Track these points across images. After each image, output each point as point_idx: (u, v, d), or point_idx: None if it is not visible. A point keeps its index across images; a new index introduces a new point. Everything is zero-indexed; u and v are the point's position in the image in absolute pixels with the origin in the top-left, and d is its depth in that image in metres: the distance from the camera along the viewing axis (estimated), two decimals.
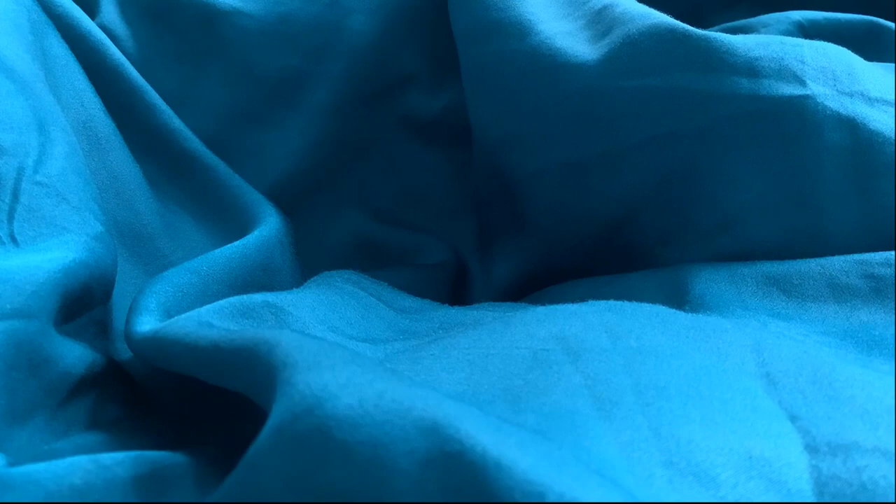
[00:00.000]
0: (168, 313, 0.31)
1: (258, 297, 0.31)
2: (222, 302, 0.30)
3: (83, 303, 0.30)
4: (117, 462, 0.24)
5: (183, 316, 0.29)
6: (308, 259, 0.42)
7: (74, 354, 0.29)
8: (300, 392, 0.20)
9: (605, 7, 0.39)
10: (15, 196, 0.31)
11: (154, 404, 0.31)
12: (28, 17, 0.39)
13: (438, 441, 0.18)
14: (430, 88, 0.46)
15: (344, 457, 0.19)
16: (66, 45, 0.41)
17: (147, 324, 0.30)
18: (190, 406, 0.31)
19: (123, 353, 0.32)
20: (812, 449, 0.21)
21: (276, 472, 0.20)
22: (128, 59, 0.43)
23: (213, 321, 0.29)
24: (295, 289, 0.35)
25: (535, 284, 0.42)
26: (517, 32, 0.39)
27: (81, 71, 0.41)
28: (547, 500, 0.17)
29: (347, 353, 0.22)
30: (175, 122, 0.43)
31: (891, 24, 0.50)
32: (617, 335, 0.26)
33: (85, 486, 0.23)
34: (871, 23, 0.50)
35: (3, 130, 0.33)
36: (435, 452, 0.18)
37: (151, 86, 0.43)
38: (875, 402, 0.22)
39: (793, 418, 0.22)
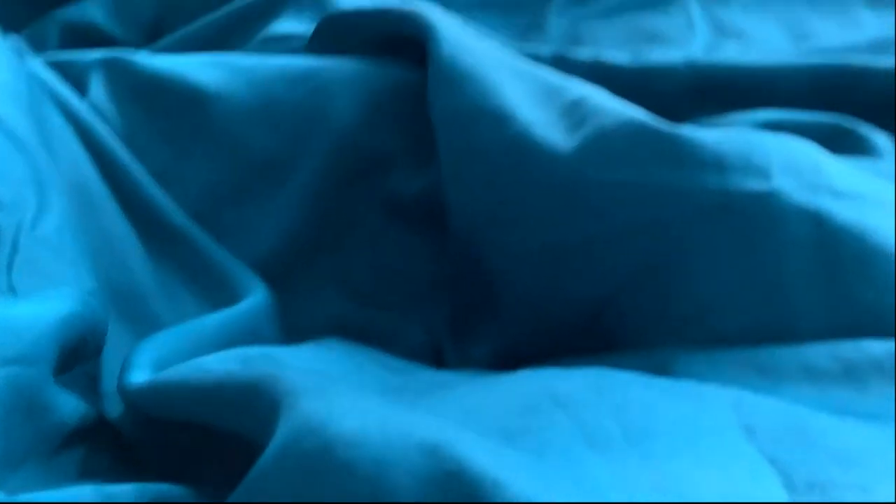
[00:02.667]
0: (160, 371, 0.31)
1: (255, 349, 0.32)
2: (219, 353, 0.31)
3: (78, 354, 0.31)
4: (119, 492, 0.25)
5: (181, 364, 0.30)
6: (288, 339, 0.42)
7: (70, 405, 0.29)
8: (305, 414, 0.21)
9: (579, 99, 0.40)
10: (14, 248, 0.32)
11: (146, 458, 0.32)
12: (27, 87, 0.40)
13: (438, 460, 0.19)
14: (410, 169, 0.47)
15: (347, 474, 0.19)
16: (62, 116, 0.42)
17: (142, 376, 0.30)
18: (181, 463, 0.31)
19: (112, 412, 0.32)
20: (791, 487, 0.22)
21: (279, 489, 0.20)
22: (116, 137, 0.44)
23: (213, 367, 0.29)
24: (290, 345, 0.36)
25: (514, 366, 0.42)
26: (496, 121, 0.40)
27: (77, 139, 0.42)
28: None
29: (351, 386, 0.24)
30: (161, 198, 0.44)
31: (856, 125, 0.52)
32: (603, 391, 0.27)
33: None
34: (836, 124, 0.52)
35: (4, 186, 0.34)
36: (435, 471, 0.19)
37: (139, 164, 0.44)
38: (850, 448, 0.24)
39: (772, 461, 0.23)
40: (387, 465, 0.19)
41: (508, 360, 0.42)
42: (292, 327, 0.43)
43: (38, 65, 0.45)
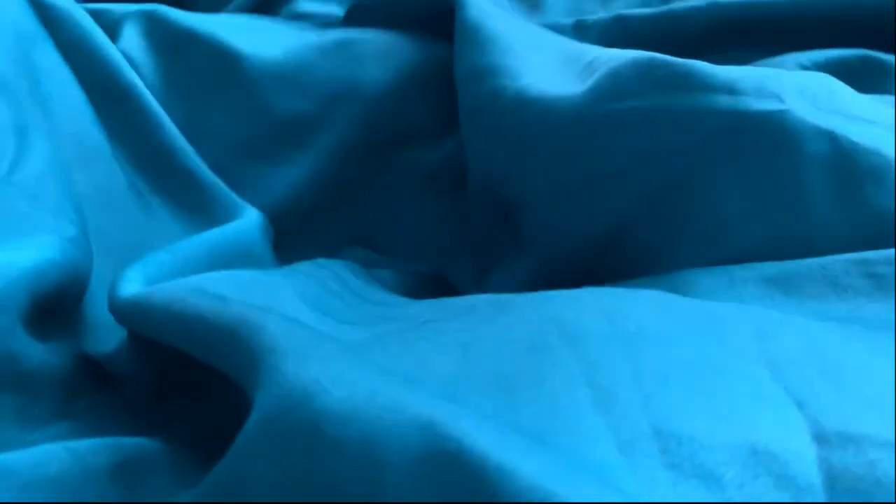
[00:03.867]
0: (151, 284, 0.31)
1: (249, 273, 0.32)
2: (213, 274, 0.31)
3: (55, 303, 0.31)
4: (92, 450, 0.24)
5: (173, 281, 0.30)
6: None
7: (38, 353, 0.29)
8: (290, 382, 0.20)
9: (595, 57, 0.40)
10: None
11: (125, 397, 0.32)
12: (15, 29, 0.40)
13: (434, 438, 0.18)
14: (434, 139, 0.48)
15: (334, 453, 0.18)
16: (60, 57, 0.42)
17: (132, 288, 0.30)
18: (164, 398, 0.32)
19: (99, 345, 0.32)
20: (821, 439, 0.20)
21: (264, 466, 0.19)
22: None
23: (205, 287, 0.29)
24: (285, 268, 0.35)
25: None
26: (509, 73, 0.41)
27: (76, 82, 0.42)
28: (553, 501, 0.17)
29: (338, 346, 0.22)
30: (180, 141, 0.45)
31: (888, 57, 0.50)
32: (616, 318, 0.25)
33: (60, 476, 0.23)
34: (865, 55, 0.51)
35: None
36: (430, 450, 0.18)
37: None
38: (885, 393, 0.22)
39: (799, 405, 0.21)
40: (378, 443, 0.18)
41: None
42: None
43: (71, 5, 0.45)
